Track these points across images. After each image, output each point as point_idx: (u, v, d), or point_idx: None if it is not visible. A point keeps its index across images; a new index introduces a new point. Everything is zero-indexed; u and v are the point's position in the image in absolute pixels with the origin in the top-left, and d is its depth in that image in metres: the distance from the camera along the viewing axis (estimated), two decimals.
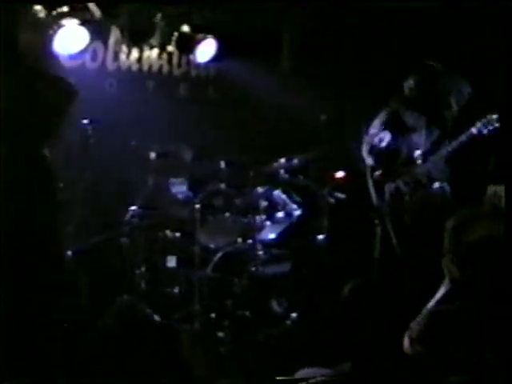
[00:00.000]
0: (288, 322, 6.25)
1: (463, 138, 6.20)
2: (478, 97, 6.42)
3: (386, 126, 6.61)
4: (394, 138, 6.51)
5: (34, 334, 4.45)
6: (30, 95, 4.33)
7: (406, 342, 3.10)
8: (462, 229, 3.19)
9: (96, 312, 5.80)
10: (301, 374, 3.08)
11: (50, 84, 4.36)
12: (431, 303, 3.28)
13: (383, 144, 6.47)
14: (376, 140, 6.51)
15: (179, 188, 6.55)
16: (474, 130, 6.15)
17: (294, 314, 6.27)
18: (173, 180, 6.56)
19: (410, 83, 6.47)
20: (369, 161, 6.57)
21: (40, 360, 4.43)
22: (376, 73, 7.11)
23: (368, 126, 6.70)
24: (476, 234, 3.11)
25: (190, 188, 6.55)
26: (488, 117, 6.13)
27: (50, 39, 5.67)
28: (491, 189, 5.57)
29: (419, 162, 6.47)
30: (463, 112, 6.59)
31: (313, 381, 2.90)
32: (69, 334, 4.96)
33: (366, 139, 6.65)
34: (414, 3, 6.37)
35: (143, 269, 6.24)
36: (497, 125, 6.08)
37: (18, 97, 4.29)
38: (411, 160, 6.50)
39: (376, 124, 6.66)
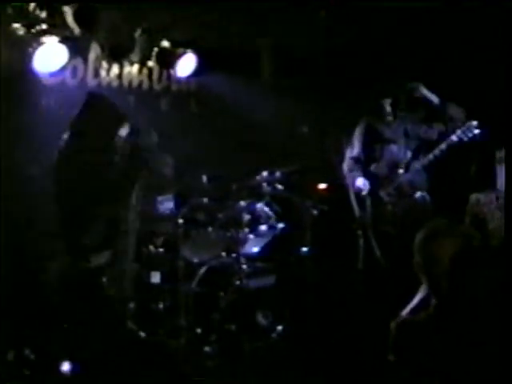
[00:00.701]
0: (274, 335, 6.24)
1: (443, 145, 6.23)
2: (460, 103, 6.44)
3: (364, 143, 6.65)
4: (372, 181, 6.57)
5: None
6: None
7: None
8: (432, 242, 2.99)
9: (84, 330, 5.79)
10: None
11: (104, 111, 4.38)
12: (405, 311, 3.19)
13: (363, 192, 6.54)
14: (356, 187, 6.57)
15: (167, 205, 6.54)
16: (454, 138, 6.18)
17: (279, 327, 6.26)
18: (159, 198, 6.55)
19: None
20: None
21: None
22: (357, 85, 7.11)
23: (348, 139, 6.74)
24: (449, 249, 2.93)
25: (175, 203, 6.55)
26: (467, 124, 6.16)
27: (29, 57, 5.65)
28: (473, 197, 5.59)
29: (401, 171, 6.51)
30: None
31: None
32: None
33: (347, 162, 6.71)
34: (414, 3, 6.34)
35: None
36: (476, 131, 6.11)
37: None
38: (393, 171, 6.53)
39: (355, 143, 6.70)
